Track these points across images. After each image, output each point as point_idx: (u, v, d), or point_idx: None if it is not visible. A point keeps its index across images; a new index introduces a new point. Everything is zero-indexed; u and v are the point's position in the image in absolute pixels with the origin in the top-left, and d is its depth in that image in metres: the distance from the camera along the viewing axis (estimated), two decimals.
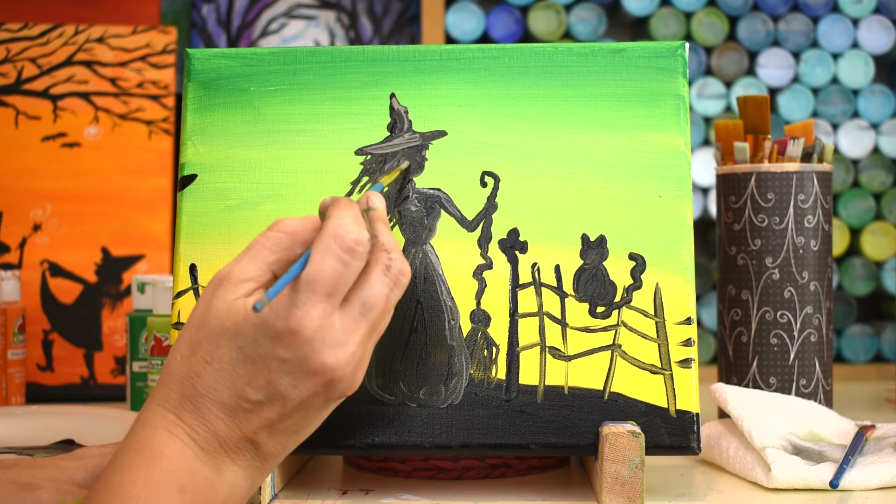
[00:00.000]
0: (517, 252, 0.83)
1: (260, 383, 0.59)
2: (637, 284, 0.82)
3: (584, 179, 0.83)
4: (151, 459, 0.58)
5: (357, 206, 0.64)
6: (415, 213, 0.83)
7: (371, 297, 0.62)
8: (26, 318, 1.26)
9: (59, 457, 0.68)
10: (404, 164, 0.82)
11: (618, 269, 0.82)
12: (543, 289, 0.82)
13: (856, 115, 1.48)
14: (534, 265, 0.82)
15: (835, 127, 1.47)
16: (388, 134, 0.85)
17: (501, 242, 0.83)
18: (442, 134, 0.85)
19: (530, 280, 0.82)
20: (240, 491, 0.61)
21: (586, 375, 0.80)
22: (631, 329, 0.81)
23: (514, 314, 0.82)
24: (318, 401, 0.61)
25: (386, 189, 0.77)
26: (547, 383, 0.80)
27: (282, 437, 0.61)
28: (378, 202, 0.68)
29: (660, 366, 0.80)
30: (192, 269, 0.83)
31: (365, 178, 0.84)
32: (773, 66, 1.47)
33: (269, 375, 0.59)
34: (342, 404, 0.80)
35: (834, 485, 0.81)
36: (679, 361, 0.80)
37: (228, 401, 0.59)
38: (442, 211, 0.84)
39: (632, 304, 0.81)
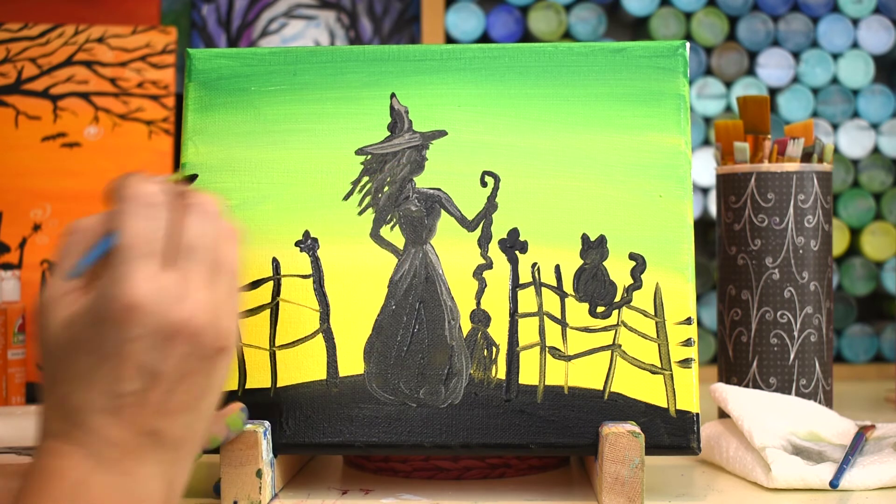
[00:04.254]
0: (517, 252, 0.83)
1: (129, 373, 0.57)
2: (637, 284, 0.82)
3: (584, 179, 0.83)
4: (48, 482, 0.56)
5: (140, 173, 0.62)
6: (415, 212, 0.83)
7: (189, 239, 0.59)
8: (26, 318, 1.26)
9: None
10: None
11: (618, 269, 0.82)
12: (543, 289, 0.82)
13: (856, 115, 1.48)
14: (534, 265, 0.82)
15: (835, 127, 1.47)
16: (389, 134, 0.85)
17: (501, 242, 0.83)
18: (442, 134, 0.85)
19: (530, 280, 0.82)
20: (157, 492, 0.58)
21: (586, 375, 0.80)
22: (631, 329, 0.81)
23: (514, 314, 0.82)
24: (194, 363, 0.58)
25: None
26: (547, 383, 0.80)
27: (180, 417, 0.58)
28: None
29: (660, 366, 0.80)
30: None
31: (365, 178, 0.84)
32: (773, 66, 1.47)
33: (133, 360, 0.57)
34: (342, 404, 0.80)
35: (834, 485, 0.81)
36: (679, 361, 0.80)
37: (108, 403, 0.57)
38: (442, 211, 0.84)
39: (632, 303, 0.81)
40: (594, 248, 0.82)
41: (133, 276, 0.57)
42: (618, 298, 0.82)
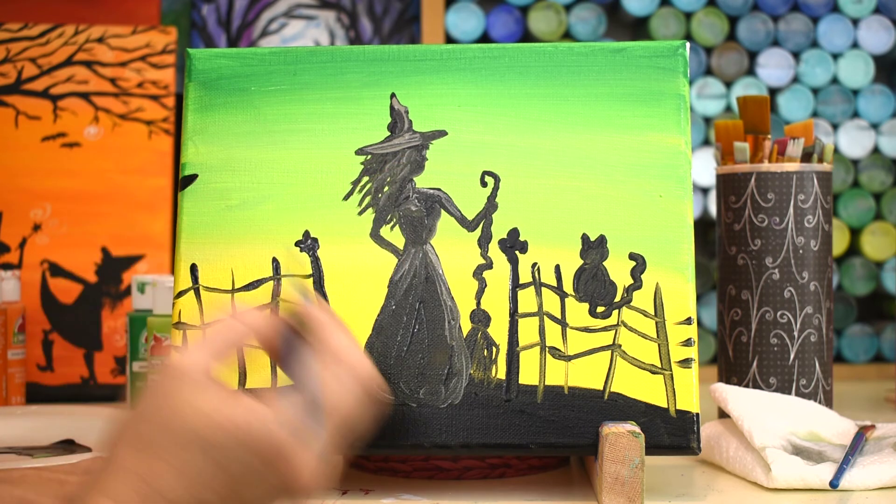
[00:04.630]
0: (517, 252, 0.83)
1: (225, 491, 0.56)
2: (637, 284, 0.82)
3: (584, 179, 0.83)
4: None
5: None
6: (415, 212, 0.83)
7: (352, 420, 0.60)
8: (26, 318, 1.26)
9: (64, 470, 0.67)
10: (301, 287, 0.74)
11: (618, 269, 0.82)
12: (543, 289, 0.82)
13: (856, 115, 1.48)
14: (534, 265, 0.82)
15: (835, 127, 1.47)
16: (389, 134, 0.85)
17: (501, 242, 0.83)
18: (442, 134, 0.85)
19: (530, 280, 0.82)
20: None
21: (586, 375, 0.80)
22: (631, 329, 0.81)
23: (514, 314, 0.82)
24: None
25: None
26: (547, 383, 0.80)
27: None
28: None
29: (660, 366, 0.80)
30: (193, 268, 0.83)
31: (365, 178, 0.84)
32: (773, 66, 1.47)
33: (239, 487, 0.56)
34: None
35: (834, 485, 0.81)
36: (679, 361, 0.80)
37: (182, 500, 0.56)
38: (442, 211, 0.84)
39: (632, 303, 0.81)
40: (594, 248, 0.82)
41: (314, 439, 0.56)
42: (618, 298, 0.82)
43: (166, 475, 0.56)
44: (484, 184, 0.84)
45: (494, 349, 0.81)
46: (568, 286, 0.82)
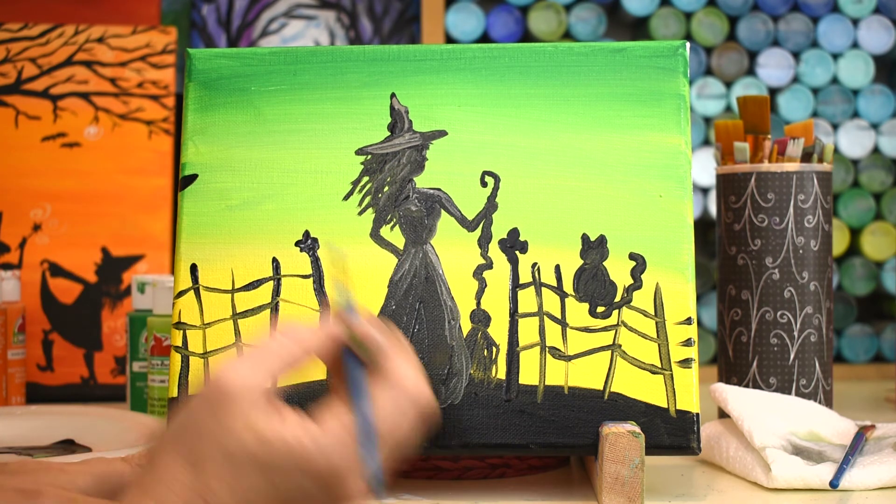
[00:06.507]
0: (517, 252, 0.83)
1: None
2: (637, 284, 0.82)
3: (585, 179, 0.83)
4: None
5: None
6: (415, 212, 0.84)
7: (404, 445, 0.59)
8: (26, 318, 1.25)
9: (64, 461, 0.67)
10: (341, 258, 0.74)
11: (618, 269, 0.82)
12: (543, 289, 0.82)
13: (856, 115, 1.48)
14: (534, 265, 0.82)
15: (835, 127, 1.47)
16: (389, 134, 0.85)
17: (502, 242, 0.83)
18: (442, 134, 0.85)
19: (530, 280, 0.82)
20: None
21: (586, 375, 0.80)
22: (631, 329, 0.81)
23: (514, 314, 0.82)
24: None
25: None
26: (547, 383, 0.80)
27: None
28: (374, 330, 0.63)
29: (660, 366, 0.80)
30: (193, 268, 0.83)
31: (365, 178, 0.84)
32: (773, 66, 1.47)
33: (289, 502, 0.56)
34: None
35: (834, 485, 0.81)
36: (679, 361, 0.80)
37: None
38: (442, 211, 0.84)
39: (632, 304, 0.81)
40: (594, 248, 0.82)
41: (368, 464, 0.56)
42: (618, 298, 0.82)
43: (221, 493, 0.56)
44: (484, 184, 0.84)
45: (494, 349, 0.81)
46: (568, 286, 0.82)
